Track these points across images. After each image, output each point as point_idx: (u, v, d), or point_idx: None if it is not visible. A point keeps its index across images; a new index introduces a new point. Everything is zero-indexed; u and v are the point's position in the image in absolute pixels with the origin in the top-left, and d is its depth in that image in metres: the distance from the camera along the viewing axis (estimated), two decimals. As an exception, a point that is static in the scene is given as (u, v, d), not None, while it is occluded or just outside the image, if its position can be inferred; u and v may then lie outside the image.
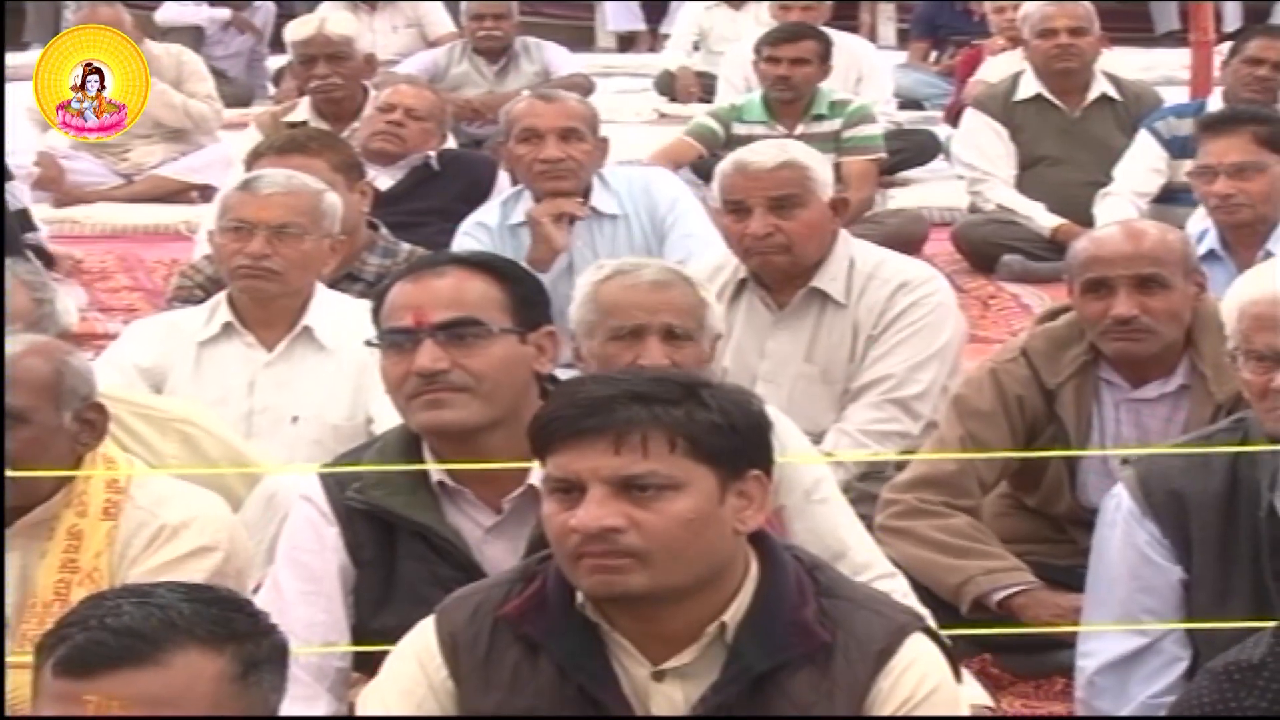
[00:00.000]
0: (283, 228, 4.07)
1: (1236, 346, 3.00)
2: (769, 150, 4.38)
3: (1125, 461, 3.19)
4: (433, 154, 6.17)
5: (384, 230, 4.93)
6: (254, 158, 4.99)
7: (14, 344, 3.15)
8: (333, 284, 4.35)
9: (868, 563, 3.18)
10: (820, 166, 4.36)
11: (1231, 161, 4.87)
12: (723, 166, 4.43)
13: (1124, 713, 2.95)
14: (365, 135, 6.24)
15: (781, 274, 4.35)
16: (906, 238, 6.50)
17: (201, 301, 4.37)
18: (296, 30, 7.15)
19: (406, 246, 4.90)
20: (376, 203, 5.86)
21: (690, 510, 2.34)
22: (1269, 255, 4.70)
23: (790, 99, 7.01)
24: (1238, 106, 5.54)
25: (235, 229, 4.10)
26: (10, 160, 6.31)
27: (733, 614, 2.40)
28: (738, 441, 2.39)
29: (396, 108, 6.19)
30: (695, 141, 7.16)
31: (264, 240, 4.05)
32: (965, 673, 3.28)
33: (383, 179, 6.08)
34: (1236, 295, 3.04)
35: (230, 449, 3.62)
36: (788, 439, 3.24)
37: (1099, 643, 2.99)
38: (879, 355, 4.29)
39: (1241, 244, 4.86)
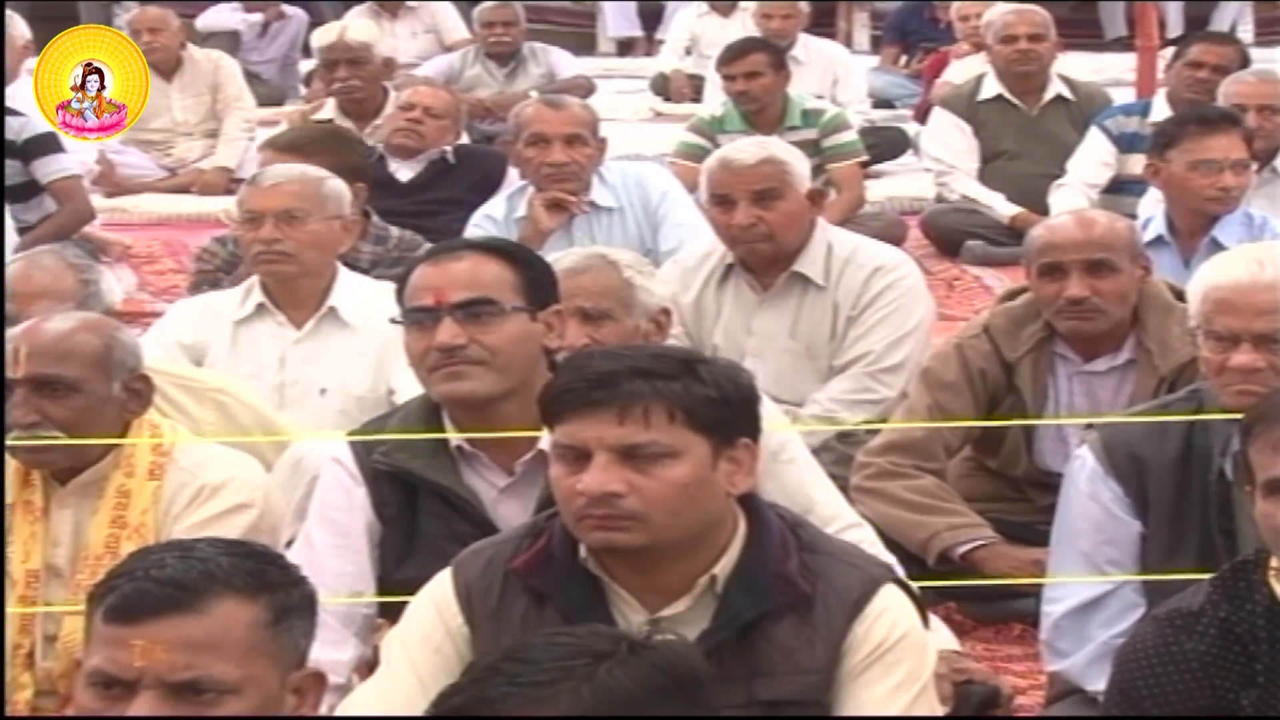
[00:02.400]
0: (287, 212, 4.05)
1: (1198, 326, 2.98)
2: (751, 148, 4.38)
3: (1089, 427, 3.19)
4: (449, 149, 6.16)
5: (375, 218, 4.90)
6: (271, 149, 4.98)
7: (67, 320, 3.14)
8: (374, 265, 4.35)
9: (835, 515, 3.16)
10: (798, 161, 4.36)
11: (1236, 158, 4.79)
12: (709, 163, 4.44)
13: (1083, 652, 2.95)
14: (387, 131, 6.24)
15: (765, 260, 4.35)
16: (885, 239, 6.43)
17: (223, 280, 4.37)
18: (321, 37, 7.17)
19: (396, 232, 4.88)
20: (398, 192, 5.86)
21: (685, 476, 2.34)
22: (1214, 241, 4.67)
23: (757, 109, 6.89)
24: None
25: (249, 219, 4.10)
26: (74, 157, 6.30)
27: (723, 567, 2.40)
28: (729, 413, 2.39)
29: (416, 106, 6.18)
30: (690, 162, 7.01)
31: (272, 226, 4.04)
32: (934, 619, 3.28)
33: (403, 171, 6.08)
34: (1201, 280, 3.03)
35: (260, 415, 3.61)
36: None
37: (1065, 590, 2.99)
38: (859, 334, 4.29)
39: (1190, 232, 4.82)
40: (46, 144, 6.02)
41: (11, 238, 5.36)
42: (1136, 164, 5.74)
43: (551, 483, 2.40)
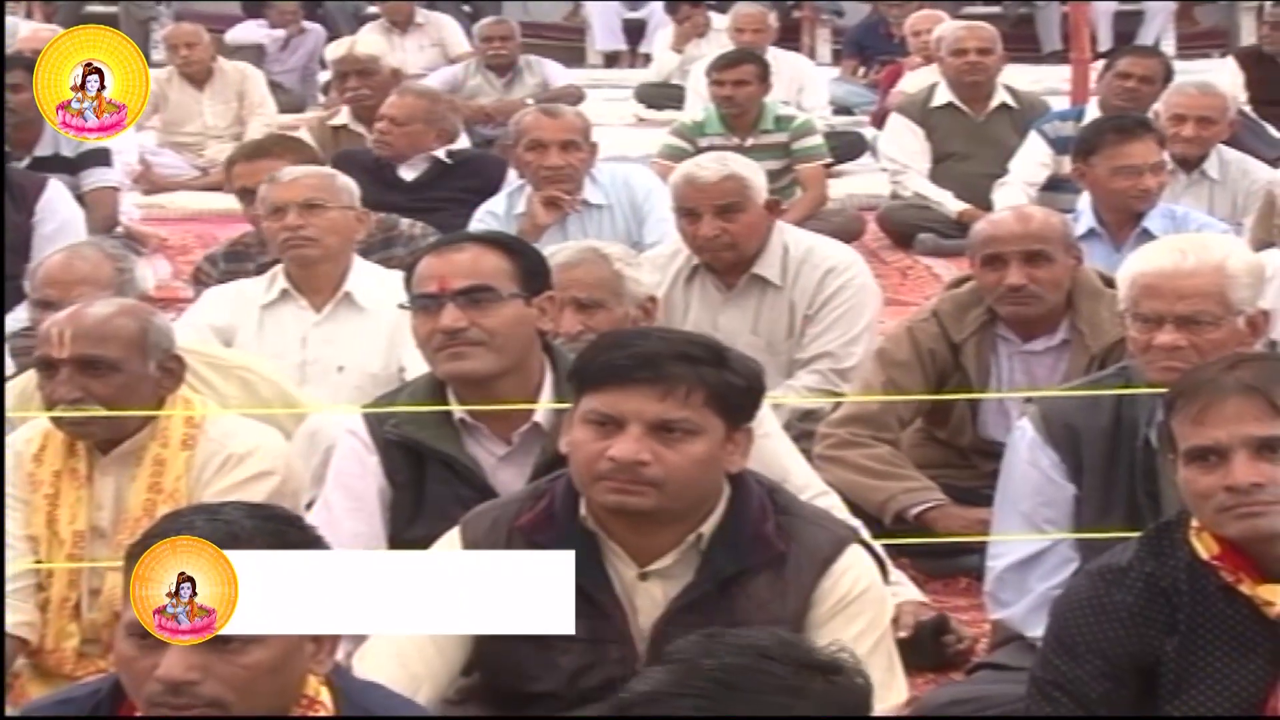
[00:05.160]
0: (308, 201, 4.06)
1: (1126, 309, 2.98)
2: (713, 164, 4.29)
3: (1029, 400, 3.19)
4: (439, 151, 6.03)
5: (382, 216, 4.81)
6: (228, 165, 4.97)
7: (107, 306, 3.13)
8: (365, 251, 4.30)
9: (806, 484, 3.16)
10: (756, 175, 4.29)
11: (1154, 161, 4.78)
12: (674, 178, 4.37)
13: (1023, 602, 2.96)
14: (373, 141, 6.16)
15: (728, 264, 4.30)
16: (847, 233, 6.44)
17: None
18: (333, 50, 7.17)
19: (405, 221, 4.79)
20: (403, 190, 5.82)
21: (703, 453, 2.35)
22: (1145, 232, 4.66)
23: (738, 114, 6.87)
24: (1137, 115, 5.46)
25: (274, 212, 4.10)
26: (118, 158, 6.24)
27: (708, 527, 2.40)
28: (747, 401, 2.40)
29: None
30: (672, 162, 6.94)
31: (296, 214, 4.04)
32: (901, 574, 3.32)
33: (406, 171, 6.01)
34: (1129, 267, 3.02)
35: (280, 390, 3.59)
36: None
37: (1007, 546, 2.99)
38: (817, 333, 4.25)
39: (1118, 224, 4.82)
40: (98, 157, 5.93)
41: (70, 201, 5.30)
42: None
43: (572, 444, 2.38)
